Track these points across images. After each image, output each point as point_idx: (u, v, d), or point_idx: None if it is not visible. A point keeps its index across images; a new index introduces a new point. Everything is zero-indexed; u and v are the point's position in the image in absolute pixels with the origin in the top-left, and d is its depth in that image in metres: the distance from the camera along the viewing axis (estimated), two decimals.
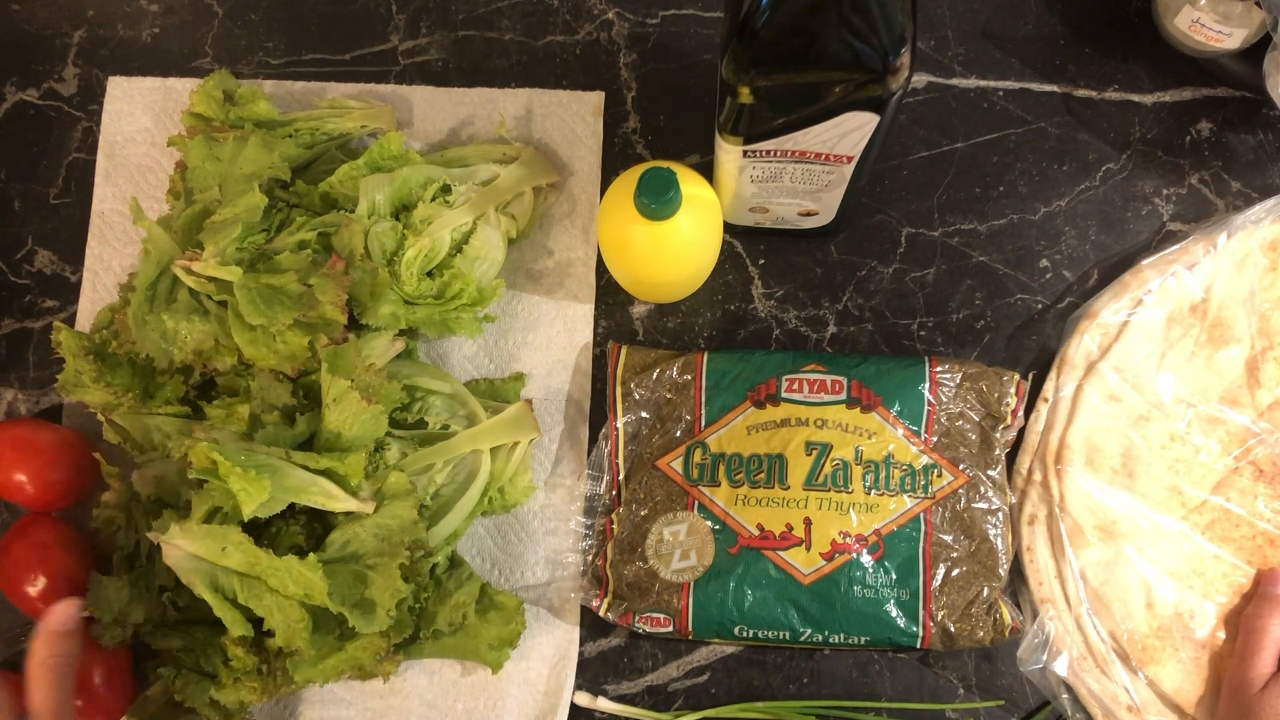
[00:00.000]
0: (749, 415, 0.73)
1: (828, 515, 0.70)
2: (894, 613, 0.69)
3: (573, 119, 0.82)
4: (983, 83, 0.82)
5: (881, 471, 0.71)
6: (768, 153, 0.64)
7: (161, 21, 0.85)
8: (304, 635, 0.62)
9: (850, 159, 0.64)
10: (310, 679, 0.64)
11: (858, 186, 0.69)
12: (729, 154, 0.65)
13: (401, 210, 0.74)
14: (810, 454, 0.72)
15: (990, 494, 0.72)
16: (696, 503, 0.72)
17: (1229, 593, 0.71)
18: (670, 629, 0.71)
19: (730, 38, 0.55)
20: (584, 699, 0.73)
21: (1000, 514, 0.72)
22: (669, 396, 0.74)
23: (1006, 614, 0.70)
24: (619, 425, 0.74)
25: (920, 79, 0.82)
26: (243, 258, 0.68)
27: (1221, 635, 0.70)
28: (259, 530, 0.64)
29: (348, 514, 0.65)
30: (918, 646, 0.70)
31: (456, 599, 0.68)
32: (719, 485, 0.72)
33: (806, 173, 0.66)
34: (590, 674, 0.74)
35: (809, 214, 0.74)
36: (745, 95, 0.57)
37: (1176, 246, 0.76)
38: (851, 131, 0.61)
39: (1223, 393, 0.74)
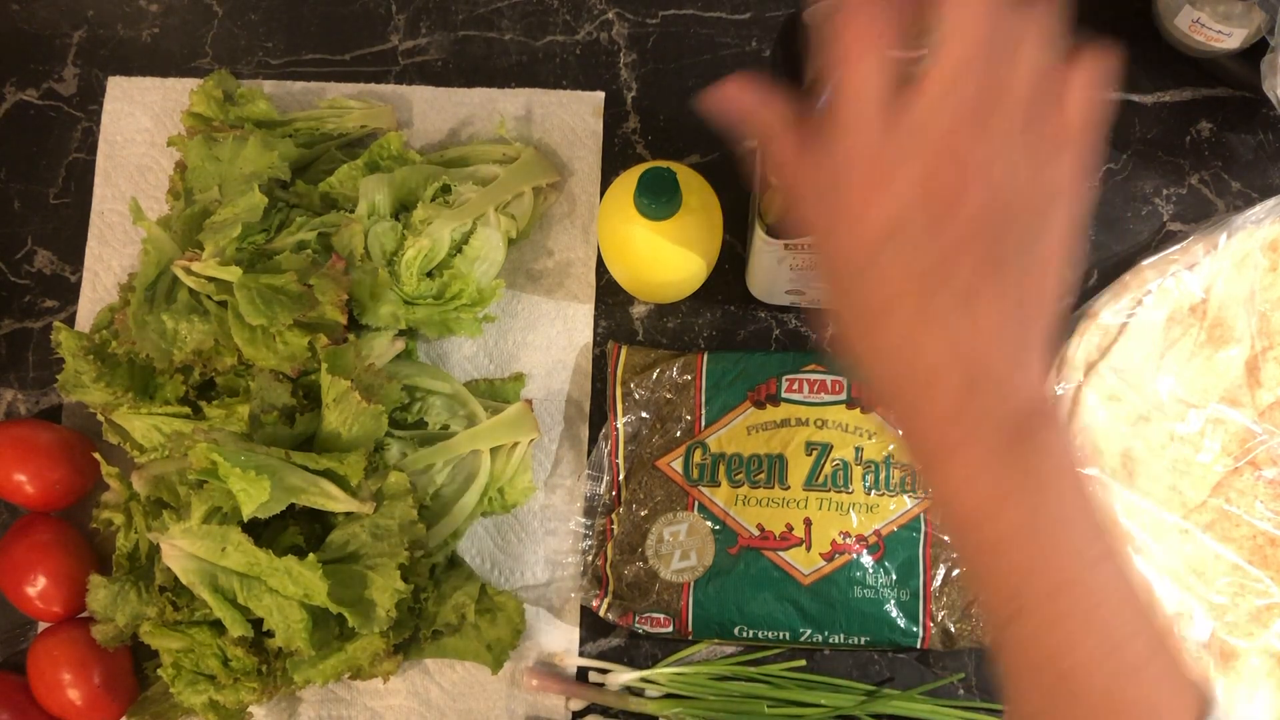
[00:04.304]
0: (749, 415, 0.73)
1: (828, 515, 0.70)
2: (894, 613, 0.69)
3: (573, 119, 0.82)
4: None
5: (882, 472, 0.71)
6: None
7: (161, 21, 0.85)
8: (304, 635, 0.62)
9: None
10: (310, 679, 0.64)
11: None
12: (768, 246, 0.63)
13: (401, 210, 0.74)
14: (810, 454, 0.71)
15: None
16: (696, 503, 0.72)
17: (1229, 594, 0.71)
18: (670, 629, 0.71)
19: None
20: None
21: None
22: (669, 396, 0.74)
23: None
24: (619, 425, 0.74)
25: None
26: (242, 258, 0.68)
27: (1223, 637, 0.70)
28: (259, 530, 0.64)
29: (347, 514, 0.65)
30: (918, 647, 0.70)
31: (456, 599, 0.68)
32: (719, 485, 0.72)
33: None
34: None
35: None
36: None
37: (1176, 247, 0.76)
38: None
39: (1223, 393, 0.74)
